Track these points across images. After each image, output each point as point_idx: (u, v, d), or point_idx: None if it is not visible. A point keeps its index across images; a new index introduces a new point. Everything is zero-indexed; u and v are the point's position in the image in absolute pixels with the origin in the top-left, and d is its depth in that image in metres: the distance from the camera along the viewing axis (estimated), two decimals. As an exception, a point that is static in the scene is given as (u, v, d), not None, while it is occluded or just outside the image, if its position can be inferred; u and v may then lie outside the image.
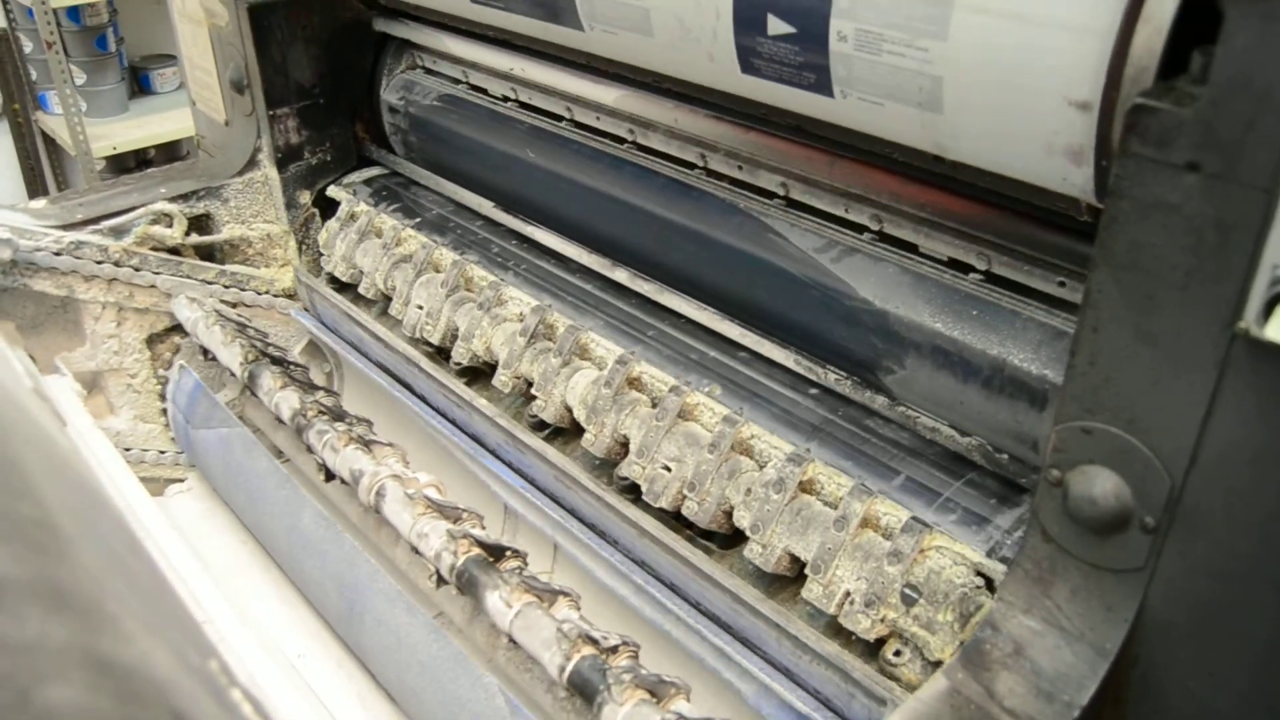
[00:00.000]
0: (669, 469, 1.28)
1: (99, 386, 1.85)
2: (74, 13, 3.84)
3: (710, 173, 1.44)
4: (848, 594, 1.10)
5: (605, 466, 1.40)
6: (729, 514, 1.23)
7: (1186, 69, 0.75)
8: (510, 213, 1.75)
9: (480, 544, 1.27)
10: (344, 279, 1.85)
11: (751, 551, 1.18)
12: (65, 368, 1.77)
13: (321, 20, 1.83)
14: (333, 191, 1.94)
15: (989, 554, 1.05)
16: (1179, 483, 0.79)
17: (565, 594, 1.23)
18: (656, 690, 1.08)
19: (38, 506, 0.41)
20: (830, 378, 1.28)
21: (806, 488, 1.18)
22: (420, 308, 1.66)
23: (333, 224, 1.90)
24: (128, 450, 1.84)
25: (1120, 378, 0.80)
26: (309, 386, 1.65)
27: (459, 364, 1.60)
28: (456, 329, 1.60)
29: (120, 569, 0.43)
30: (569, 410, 1.43)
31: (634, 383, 1.38)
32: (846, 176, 1.25)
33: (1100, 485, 0.83)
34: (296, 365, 1.76)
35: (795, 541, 1.15)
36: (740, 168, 1.39)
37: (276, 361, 1.71)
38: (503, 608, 1.19)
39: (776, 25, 1.07)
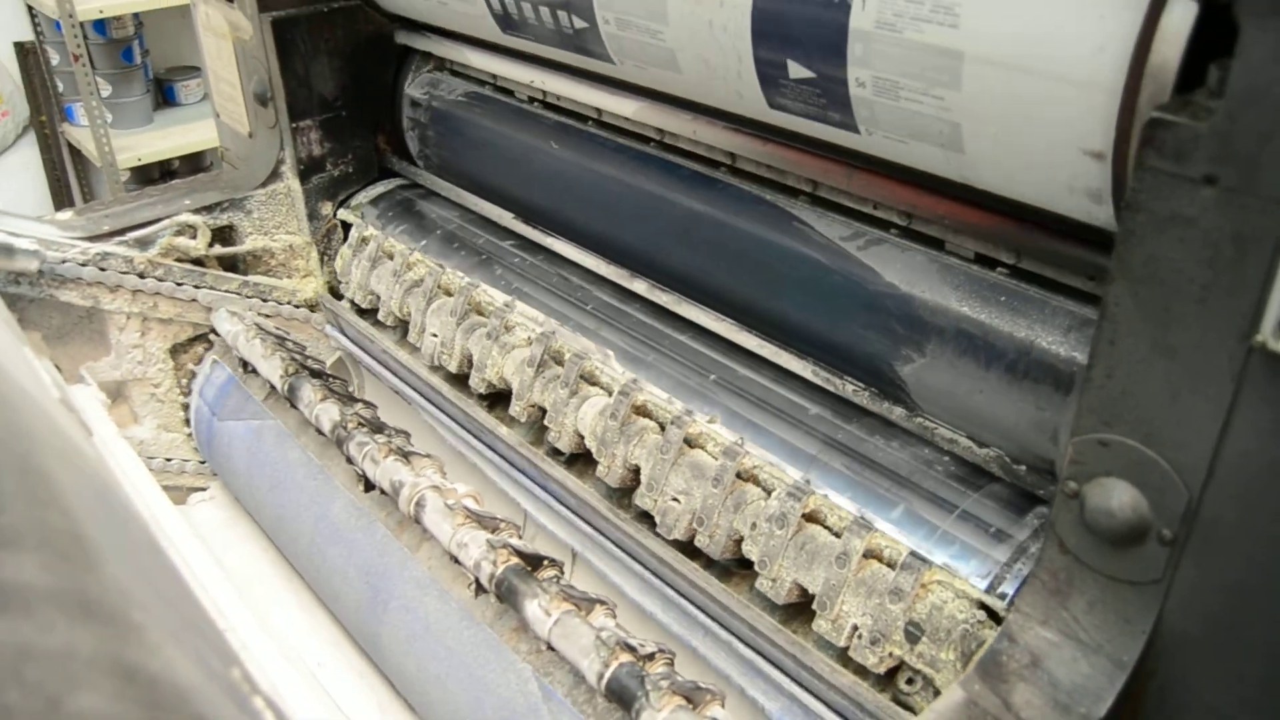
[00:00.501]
0: (678, 501, 1.29)
1: (123, 396, 1.87)
2: (100, 25, 3.88)
3: (736, 172, 1.43)
4: (855, 628, 1.10)
5: (623, 492, 1.40)
6: (740, 543, 1.24)
7: (1203, 82, 0.75)
8: (526, 221, 1.75)
9: (519, 553, 1.28)
10: (363, 305, 1.85)
11: (762, 584, 1.19)
12: (90, 377, 1.79)
13: (344, 34, 1.84)
14: (343, 215, 1.94)
15: (990, 588, 1.05)
16: (1196, 495, 0.79)
17: (602, 602, 1.24)
18: (693, 696, 1.10)
19: (65, 516, 0.42)
20: (848, 388, 1.28)
21: (811, 518, 1.18)
22: (435, 336, 1.66)
23: (345, 250, 1.90)
24: (151, 459, 1.86)
25: (1137, 390, 0.80)
26: (348, 398, 1.66)
27: (478, 391, 1.60)
28: (471, 356, 1.60)
29: (145, 578, 0.44)
30: (582, 438, 1.43)
31: (640, 410, 1.37)
32: (868, 188, 1.24)
33: (1117, 497, 0.83)
34: (334, 378, 1.77)
35: (802, 575, 1.16)
36: (767, 167, 1.38)
37: (315, 374, 1.73)
38: (542, 616, 1.20)
39: (797, 70, 1.07)
